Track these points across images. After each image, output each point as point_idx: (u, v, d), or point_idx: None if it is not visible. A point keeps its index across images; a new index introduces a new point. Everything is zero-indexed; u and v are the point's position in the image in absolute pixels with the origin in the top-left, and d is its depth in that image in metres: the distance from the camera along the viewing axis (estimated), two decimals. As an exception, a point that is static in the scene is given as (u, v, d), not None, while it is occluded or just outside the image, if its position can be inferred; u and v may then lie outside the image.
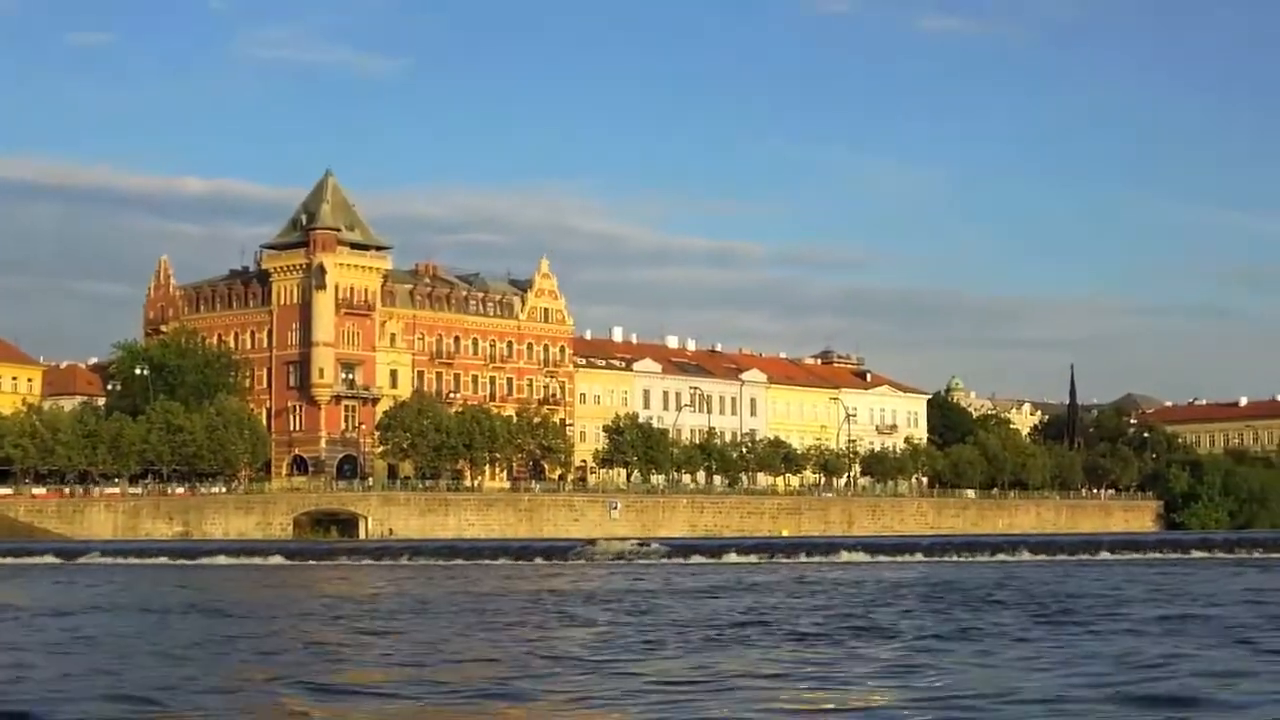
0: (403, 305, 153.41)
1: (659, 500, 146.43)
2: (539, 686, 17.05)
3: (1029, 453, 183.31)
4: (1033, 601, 32.19)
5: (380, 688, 17.26)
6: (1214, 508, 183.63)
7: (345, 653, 21.93)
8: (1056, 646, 21.37)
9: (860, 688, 17.06)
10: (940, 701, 15.49)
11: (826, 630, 24.57)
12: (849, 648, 21.40)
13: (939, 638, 22.90)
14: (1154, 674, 17.65)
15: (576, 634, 24.47)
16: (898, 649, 21.17)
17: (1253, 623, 25.12)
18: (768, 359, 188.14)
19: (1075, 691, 16.03)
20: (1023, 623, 25.82)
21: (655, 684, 16.97)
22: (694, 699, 15.82)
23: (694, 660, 19.82)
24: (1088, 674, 17.75)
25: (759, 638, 23.27)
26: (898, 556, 66.68)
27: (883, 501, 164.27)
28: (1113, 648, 20.92)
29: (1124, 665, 18.62)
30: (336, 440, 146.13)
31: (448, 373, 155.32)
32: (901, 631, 24.10)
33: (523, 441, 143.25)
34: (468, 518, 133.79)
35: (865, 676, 18.02)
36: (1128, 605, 30.31)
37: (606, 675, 18.02)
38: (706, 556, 65.86)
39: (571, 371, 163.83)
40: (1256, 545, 75.22)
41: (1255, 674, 17.89)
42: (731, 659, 20.02)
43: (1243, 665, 18.68)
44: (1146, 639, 22.38)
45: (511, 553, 69.65)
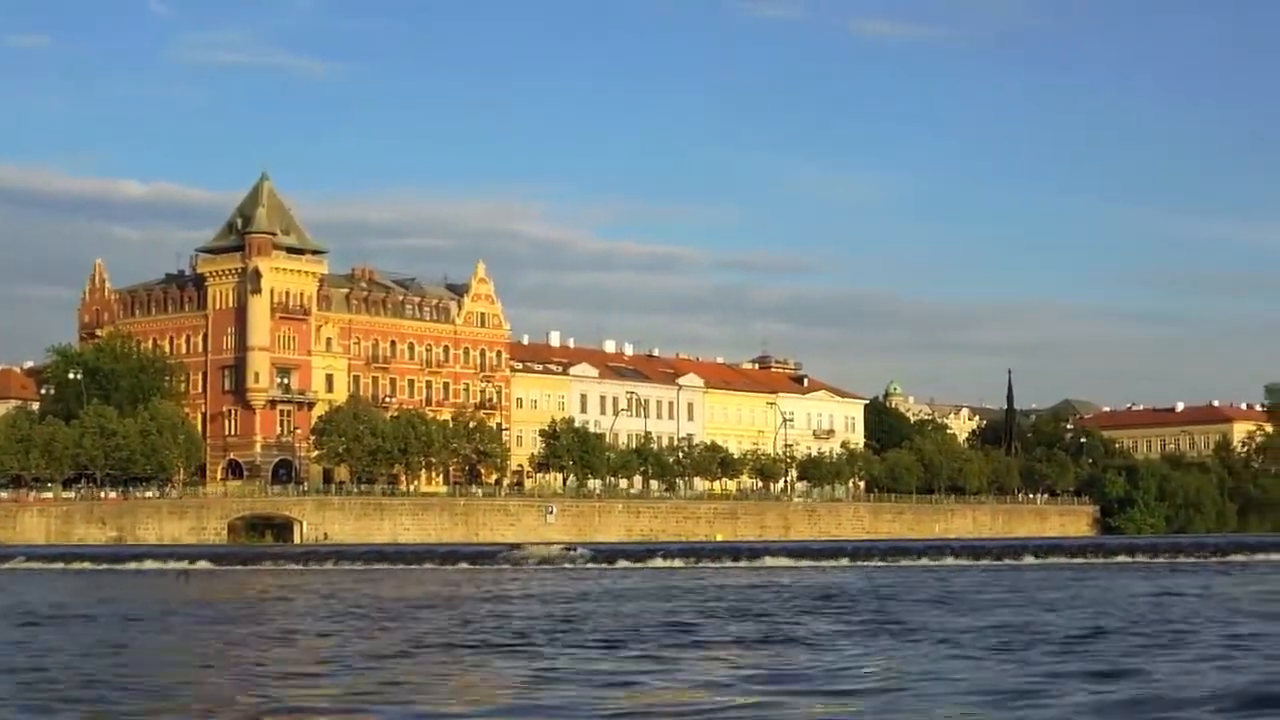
0: (338, 309, 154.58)
1: (595, 505, 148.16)
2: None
3: (965, 458, 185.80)
4: (869, 607, 32.85)
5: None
6: (1149, 513, 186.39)
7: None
8: (772, 656, 21.63)
9: (504, 695, 17.63)
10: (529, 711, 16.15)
11: (602, 639, 24.56)
12: (584, 657, 21.66)
13: (675, 646, 23.04)
14: (790, 686, 17.63)
15: (295, 649, 24.68)
16: (621, 659, 21.36)
17: (1045, 629, 25.64)
18: (705, 364, 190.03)
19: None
20: (816, 629, 26.06)
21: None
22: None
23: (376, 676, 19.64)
24: (735, 687, 17.91)
25: (525, 647, 23.46)
26: (821, 561, 68.12)
27: (819, 506, 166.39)
28: (826, 658, 20.80)
29: (788, 677, 18.42)
30: (272, 444, 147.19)
31: (384, 377, 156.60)
32: (652, 640, 24.00)
33: (458, 446, 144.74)
34: (403, 522, 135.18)
35: (520, 685, 18.40)
36: (958, 613, 30.69)
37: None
38: (632, 561, 67.32)
39: (508, 376, 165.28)
40: (1180, 550, 76.58)
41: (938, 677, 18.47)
42: (418, 668, 20.52)
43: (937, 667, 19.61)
44: (895, 647, 22.68)
45: (438, 557, 71.11)
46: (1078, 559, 70.10)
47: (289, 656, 22.96)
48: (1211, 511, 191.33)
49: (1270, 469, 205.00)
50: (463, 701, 17.23)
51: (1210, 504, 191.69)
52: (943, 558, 69.98)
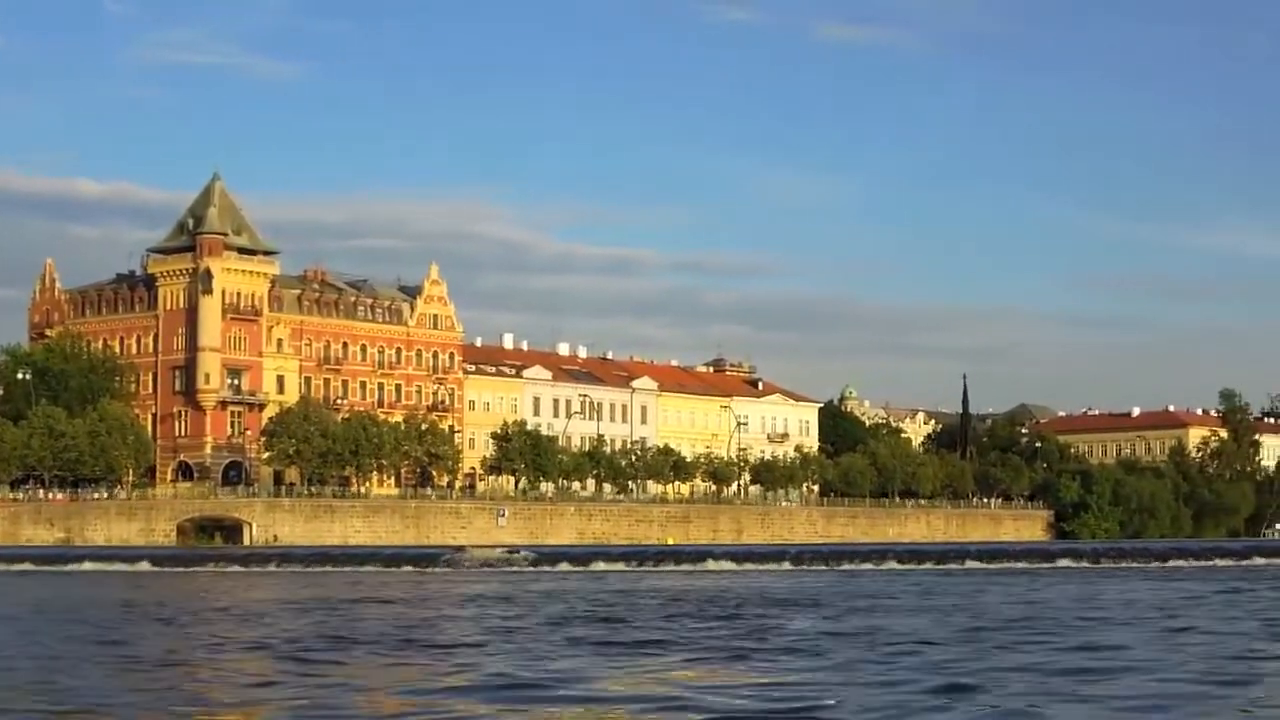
0: (290, 311, 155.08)
1: (547, 508, 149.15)
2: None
3: (919, 462, 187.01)
4: (728, 611, 32.92)
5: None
6: (1104, 517, 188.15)
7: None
8: (529, 662, 21.24)
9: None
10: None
11: (403, 642, 24.58)
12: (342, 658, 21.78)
13: (445, 648, 23.35)
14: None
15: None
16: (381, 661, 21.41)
17: (871, 634, 25.68)
18: (659, 366, 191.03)
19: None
20: (626, 636, 25.58)
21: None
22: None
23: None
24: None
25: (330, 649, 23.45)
26: (764, 565, 68.46)
27: (772, 510, 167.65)
28: (560, 666, 20.44)
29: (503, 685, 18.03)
30: (222, 446, 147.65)
31: (335, 379, 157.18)
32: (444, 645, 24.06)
33: (410, 448, 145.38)
34: (353, 525, 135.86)
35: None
36: (818, 618, 30.58)
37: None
38: (574, 564, 67.84)
39: (461, 378, 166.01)
40: (1123, 555, 76.28)
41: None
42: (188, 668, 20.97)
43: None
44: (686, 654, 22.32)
45: (381, 559, 71.76)
46: (1019, 563, 70.29)
47: (90, 654, 23.41)
48: (1166, 516, 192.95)
49: (1224, 474, 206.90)
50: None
51: (1165, 509, 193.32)
52: (885, 561, 70.08)
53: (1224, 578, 53.08)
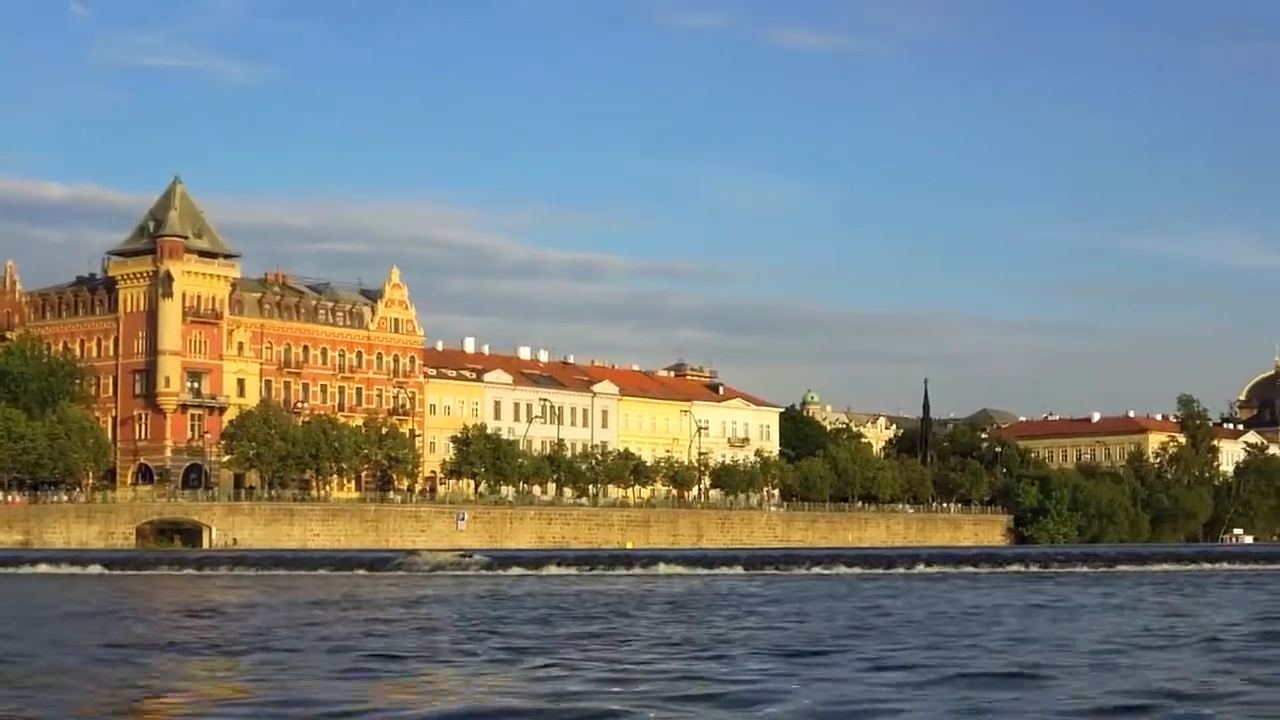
0: (251, 314, 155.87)
1: (507, 512, 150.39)
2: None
3: (879, 466, 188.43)
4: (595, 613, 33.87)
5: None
6: (1062, 522, 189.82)
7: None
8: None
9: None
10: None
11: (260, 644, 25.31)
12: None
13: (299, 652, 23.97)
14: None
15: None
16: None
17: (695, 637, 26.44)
18: (620, 371, 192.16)
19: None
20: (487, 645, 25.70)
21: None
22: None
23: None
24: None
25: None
26: (715, 569, 69.03)
27: (733, 514, 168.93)
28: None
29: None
30: (182, 449, 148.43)
31: (296, 382, 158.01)
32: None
33: (370, 452, 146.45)
34: (313, 528, 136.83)
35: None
36: (689, 621, 31.22)
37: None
38: (526, 568, 68.63)
39: (421, 382, 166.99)
40: (1073, 560, 77.25)
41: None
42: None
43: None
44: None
45: (333, 563, 72.76)
46: (966, 568, 70.62)
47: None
48: (1124, 522, 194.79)
49: (1183, 480, 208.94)
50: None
51: (1123, 514, 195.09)
52: (834, 566, 70.29)
53: (1149, 583, 54.17)
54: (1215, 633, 26.03)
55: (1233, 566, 73.31)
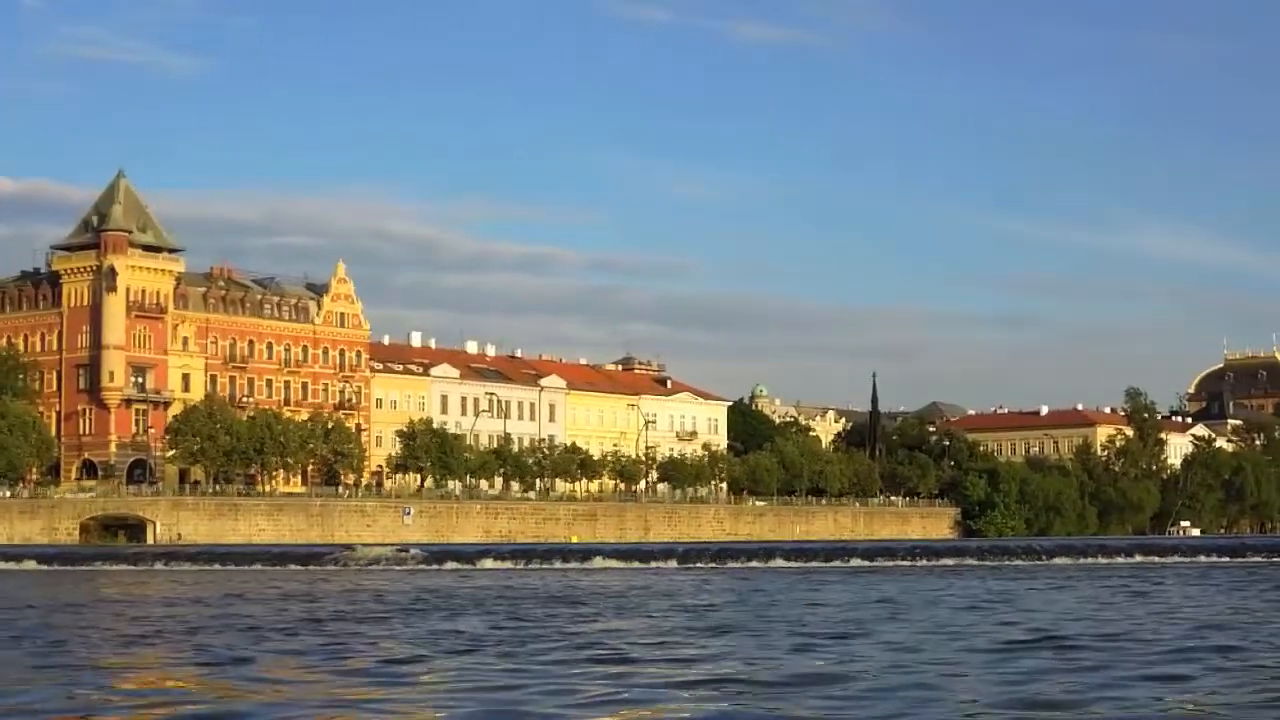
0: (196, 308, 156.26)
1: (453, 506, 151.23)
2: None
3: (827, 460, 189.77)
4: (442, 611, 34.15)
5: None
6: (1010, 515, 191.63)
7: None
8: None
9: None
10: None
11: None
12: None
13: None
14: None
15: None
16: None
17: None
18: (568, 365, 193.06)
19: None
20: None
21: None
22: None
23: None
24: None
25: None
26: (650, 563, 70.07)
27: (680, 508, 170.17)
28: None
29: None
30: (127, 444, 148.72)
31: (241, 377, 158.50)
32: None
33: (315, 446, 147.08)
34: (258, 523, 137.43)
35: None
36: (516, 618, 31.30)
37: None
38: (461, 562, 69.57)
39: (368, 376, 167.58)
40: (1007, 553, 77.72)
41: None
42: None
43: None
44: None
45: (269, 558, 73.59)
46: (903, 562, 71.06)
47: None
48: (1072, 514, 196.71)
49: (1130, 472, 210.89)
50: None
51: (1070, 507, 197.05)
52: (772, 560, 70.88)
53: (1078, 576, 55.27)
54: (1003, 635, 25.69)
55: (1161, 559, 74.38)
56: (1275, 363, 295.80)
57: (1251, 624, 26.75)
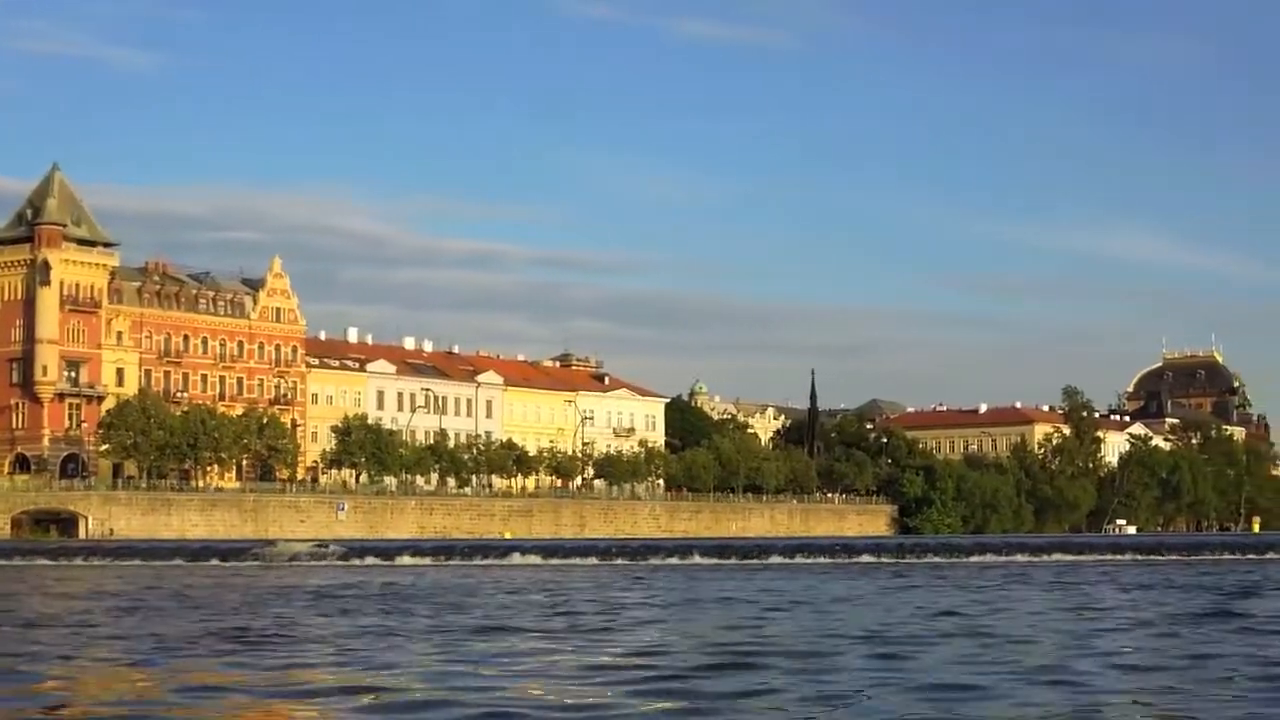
0: (130, 303, 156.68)
1: (388, 502, 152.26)
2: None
3: (764, 457, 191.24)
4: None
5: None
6: (946, 512, 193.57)
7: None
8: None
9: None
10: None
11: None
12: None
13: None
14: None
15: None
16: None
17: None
18: (505, 361, 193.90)
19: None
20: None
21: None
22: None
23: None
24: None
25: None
26: (570, 560, 71.18)
27: (615, 504, 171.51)
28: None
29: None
30: (60, 439, 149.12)
31: (176, 371, 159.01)
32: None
33: (250, 442, 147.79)
34: (191, 518, 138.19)
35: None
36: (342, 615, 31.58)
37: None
38: (380, 559, 70.57)
39: (304, 372, 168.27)
40: (928, 550, 78.29)
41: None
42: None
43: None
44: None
45: (189, 554, 74.59)
46: (822, 559, 71.88)
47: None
48: (1008, 512, 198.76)
49: (1066, 470, 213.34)
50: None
51: (1007, 504, 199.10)
52: (690, 556, 71.84)
53: (977, 575, 56.52)
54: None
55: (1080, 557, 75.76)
56: (1214, 362, 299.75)
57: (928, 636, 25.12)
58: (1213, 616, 29.04)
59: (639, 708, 15.52)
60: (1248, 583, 45.37)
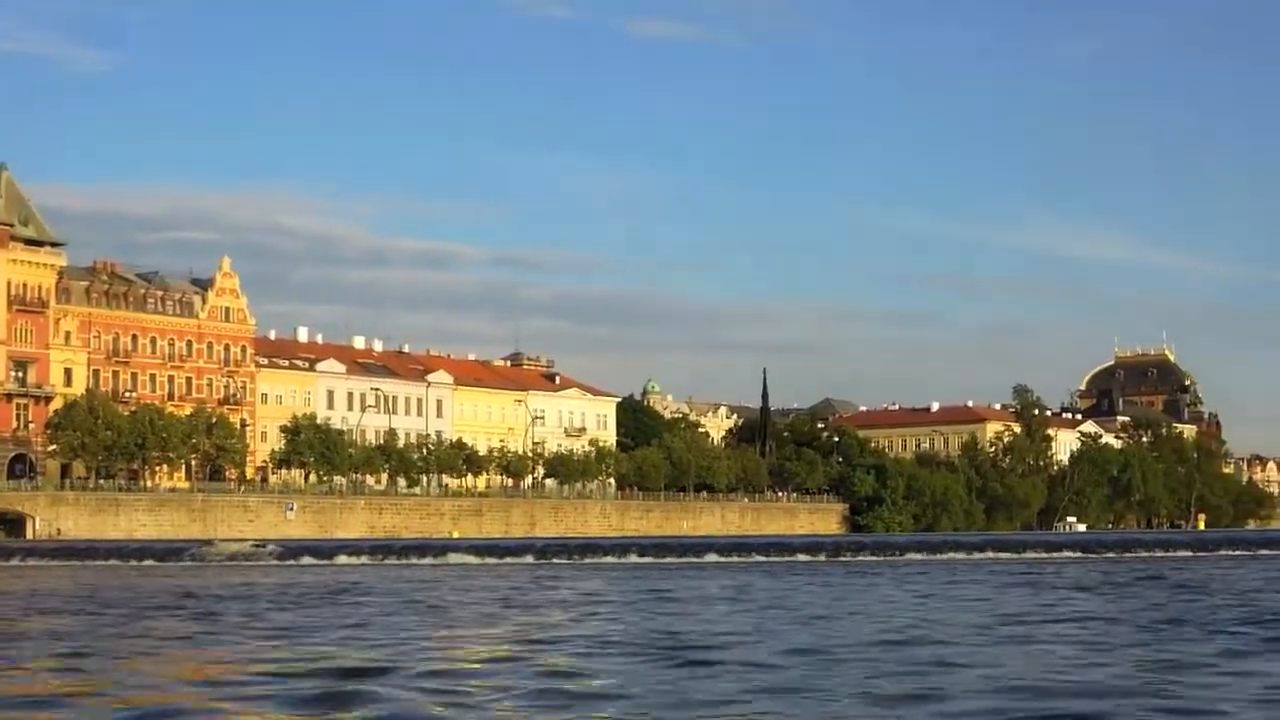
0: (78, 303, 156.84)
1: (337, 501, 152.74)
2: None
3: (715, 455, 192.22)
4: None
5: None
6: (897, 510, 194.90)
7: None
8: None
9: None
10: None
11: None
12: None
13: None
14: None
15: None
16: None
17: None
18: (456, 360, 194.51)
19: None
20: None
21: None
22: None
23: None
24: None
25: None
26: (505, 559, 71.45)
27: (565, 504, 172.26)
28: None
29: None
30: (8, 439, 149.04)
31: (124, 371, 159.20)
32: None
33: (198, 441, 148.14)
34: (139, 519, 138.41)
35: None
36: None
37: None
38: (317, 558, 71.51)
39: (253, 371, 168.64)
40: (864, 549, 78.79)
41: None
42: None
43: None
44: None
45: (127, 554, 75.26)
46: (756, 557, 71.94)
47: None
48: (959, 510, 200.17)
49: (1016, 469, 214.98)
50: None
51: (957, 503, 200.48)
52: (627, 555, 72.79)
53: (909, 571, 57.61)
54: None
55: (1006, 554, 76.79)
56: (1165, 360, 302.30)
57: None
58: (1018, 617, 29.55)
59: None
60: (1120, 579, 45.96)
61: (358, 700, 15.09)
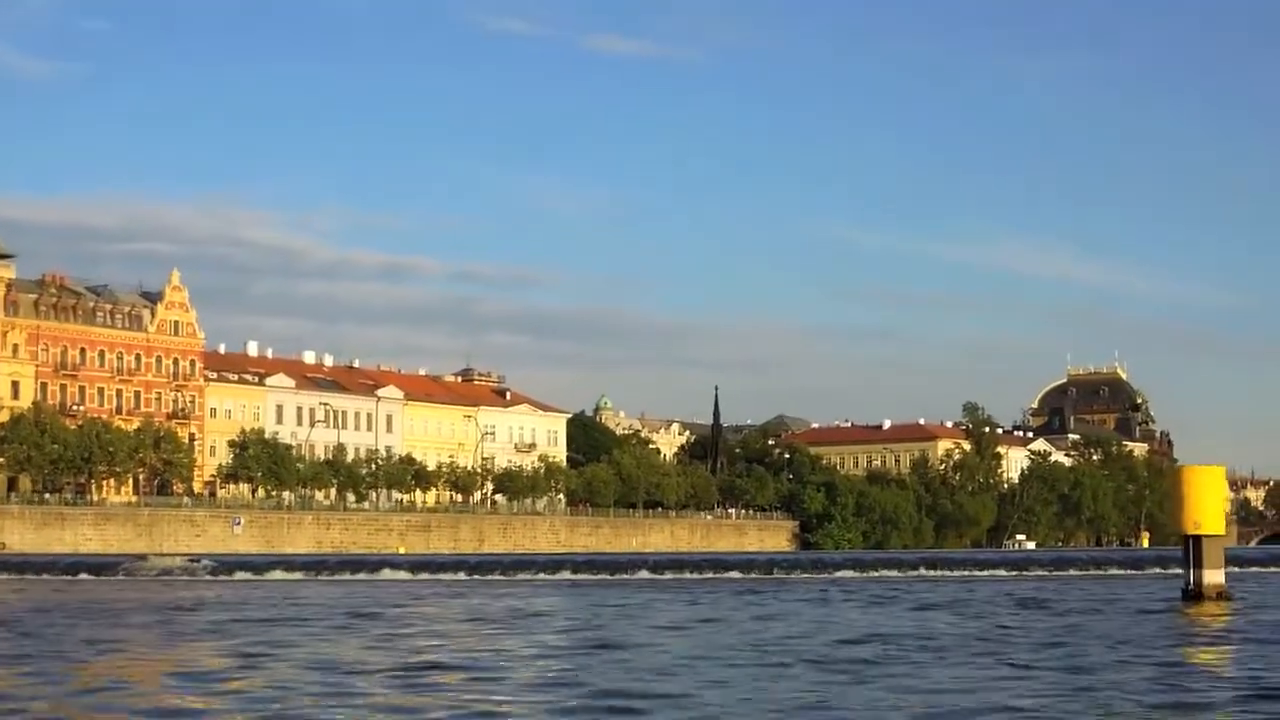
0: (27, 315, 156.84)
1: (284, 516, 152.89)
2: None
3: (664, 472, 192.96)
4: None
5: None
6: (847, 528, 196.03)
7: None
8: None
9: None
10: None
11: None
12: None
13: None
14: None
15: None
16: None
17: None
18: (406, 375, 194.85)
19: None
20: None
21: None
22: None
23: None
24: None
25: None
26: (440, 575, 72.17)
27: (514, 520, 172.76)
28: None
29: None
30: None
31: (72, 384, 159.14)
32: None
33: (145, 455, 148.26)
34: (85, 532, 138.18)
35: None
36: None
37: None
38: (251, 573, 71.99)
39: (202, 385, 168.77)
40: (798, 566, 78.76)
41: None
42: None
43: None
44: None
45: (60, 568, 75.71)
46: (691, 574, 72.04)
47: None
48: (909, 527, 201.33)
49: (966, 486, 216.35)
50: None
51: (907, 520, 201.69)
52: (560, 571, 73.07)
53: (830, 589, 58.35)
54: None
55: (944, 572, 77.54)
56: (1117, 378, 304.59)
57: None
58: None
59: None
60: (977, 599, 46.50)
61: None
